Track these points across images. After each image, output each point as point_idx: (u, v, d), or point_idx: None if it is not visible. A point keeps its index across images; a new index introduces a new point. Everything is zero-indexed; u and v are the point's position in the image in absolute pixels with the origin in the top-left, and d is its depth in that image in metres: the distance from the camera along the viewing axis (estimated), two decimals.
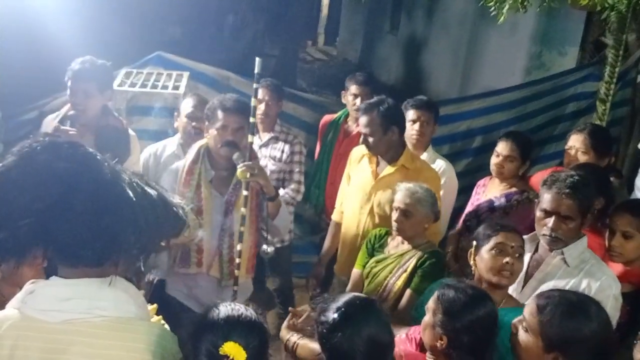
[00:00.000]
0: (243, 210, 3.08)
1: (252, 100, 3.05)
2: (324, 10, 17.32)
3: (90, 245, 1.58)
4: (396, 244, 3.24)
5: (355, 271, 3.34)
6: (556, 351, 1.97)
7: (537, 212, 2.76)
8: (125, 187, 1.61)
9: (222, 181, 3.19)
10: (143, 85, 4.40)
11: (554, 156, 5.97)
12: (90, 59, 3.52)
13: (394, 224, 3.19)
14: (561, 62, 8.39)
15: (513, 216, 3.54)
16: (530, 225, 2.90)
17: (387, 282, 3.14)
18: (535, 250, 2.84)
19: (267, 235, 3.19)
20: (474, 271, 2.75)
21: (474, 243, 2.76)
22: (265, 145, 4.26)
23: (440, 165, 3.95)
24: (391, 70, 13.00)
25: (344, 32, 15.81)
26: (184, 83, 4.48)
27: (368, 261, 3.28)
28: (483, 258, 2.67)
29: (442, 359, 2.25)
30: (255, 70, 3.04)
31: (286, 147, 4.26)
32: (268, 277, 4.56)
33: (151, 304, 2.47)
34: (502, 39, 9.19)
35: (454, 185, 3.98)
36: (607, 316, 2.05)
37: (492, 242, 2.66)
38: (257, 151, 3.85)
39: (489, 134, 5.52)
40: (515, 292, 2.76)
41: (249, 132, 3.07)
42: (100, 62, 3.54)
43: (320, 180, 4.59)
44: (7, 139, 3.96)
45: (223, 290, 3.19)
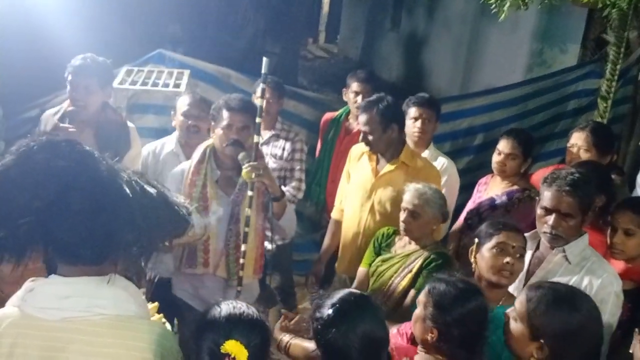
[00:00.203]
0: (248, 210, 3.07)
1: (258, 100, 3.04)
2: (325, 7, 17.30)
3: (88, 244, 1.58)
4: (403, 244, 3.22)
5: (361, 269, 3.33)
6: (541, 340, 1.97)
7: (538, 210, 2.76)
8: (123, 186, 1.60)
9: (228, 181, 3.18)
10: (144, 83, 4.40)
11: (555, 153, 5.97)
12: (91, 55, 3.53)
13: (402, 224, 3.17)
14: (562, 60, 8.38)
15: (514, 214, 3.53)
16: (531, 223, 2.89)
17: (392, 282, 3.12)
18: (537, 248, 2.84)
19: (271, 234, 3.18)
20: (474, 269, 2.75)
21: (476, 240, 2.76)
22: (266, 143, 4.25)
23: (442, 162, 3.95)
24: (392, 68, 12.98)
25: (345, 30, 15.79)
26: (184, 81, 4.48)
27: (374, 260, 3.26)
28: (484, 256, 2.67)
29: (433, 352, 2.26)
30: (263, 70, 3.03)
31: (287, 145, 4.26)
32: (269, 275, 4.56)
33: (152, 302, 2.48)
34: (503, 36, 9.17)
35: (455, 183, 3.98)
36: (598, 313, 2.04)
37: (494, 241, 2.65)
38: None
39: (490, 132, 5.52)
40: (517, 290, 2.74)
41: (254, 132, 3.06)
42: (100, 59, 3.55)
43: (321, 178, 4.59)
44: (8, 137, 3.96)
45: (229, 290, 3.17)
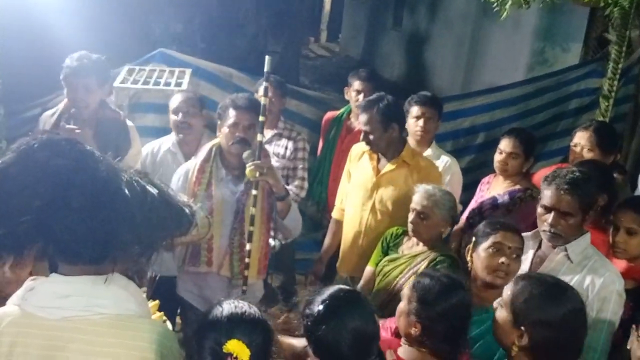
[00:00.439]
0: (252, 209, 3.06)
1: (261, 99, 3.04)
2: (327, 6, 17.31)
3: (87, 243, 1.58)
4: (411, 245, 3.21)
5: (368, 268, 3.32)
6: (522, 327, 1.96)
7: (538, 209, 2.77)
8: (122, 185, 1.60)
9: (234, 180, 3.18)
10: (145, 82, 4.40)
11: (556, 153, 5.96)
12: (85, 54, 3.49)
13: (410, 225, 3.15)
14: (564, 59, 8.38)
15: (516, 214, 3.53)
16: (533, 222, 2.89)
17: (397, 282, 3.11)
18: (539, 247, 2.83)
19: (274, 233, 3.18)
20: (470, 268, 2.75)
21: (473, 239, 2.76)
22: (268, 142, 4.24)
23: (445, 161, 3.94)
24: (394, 67, 12.99)
25: (346, 29, 15.79)
26: (186, 80, 4.47)
27: (382, 259, 3.25)
28: (480, 256, 2.68)
29: (417, 345, 2.28)
30: (265, 69, 3.03)
31: (290, 144, 4.26)
32: (271, 274, 4.56)
33: (153, 300, 2.48)
34: (505, 35, 9.17)
35: (459, 181, 3.97)
36: (582, 308, 2.01)
37: (490, 241, 2.65)
38: None
39: (491, 131, 5.51)
40: None
41: (258, 131, 3.05)
42: (95, 57, 3.51)
43: (323, 177, 4.59)
44: (10, 136, 3.95)
45: (233, 290, 3.15)
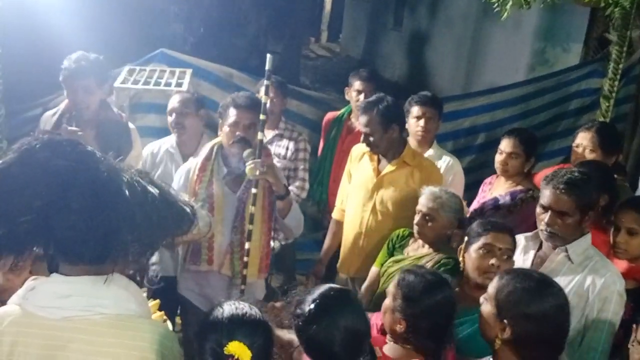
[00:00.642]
0: (252, 208, 3.06)
1: (263, 98, 3.04)
2: (327, 6, 17.30)
3: (87, 242, 1.58)
4: (416, 247, 3.20)
5: (373, 269, 3.32)
6: (505, 320, 1.95)
7: (537, 208, 2.77)
8: (122, 185, 1.60)
9: (235, 179, 3.18)
10: (146, 82, 4.40)
11: (557, 153, 5.96)
12: (83, 55, 3.48)
13: (415, 227, 3.14)
14: (565, 59, 8.37)
15: (517, 214, 3.52)
16: (534, 223, 2.88)
17: None
18: (540, 248, 2.83)
19: (274, 233, 3.18)
20: (463, 268, 2.75)
21: (465, 239, 2.76)
22: (269, 142, 4.25)
23: (447, 161, 3.94)
24: (395, 67, 12.98)
25: (347, 29, 15.79)
26: (187, 80, 4.47)
27: (387, 260, 3.24)
28: (471, 256, 2.68)
29: (401, 342, 2.29)
30: (267, 67, 3.02)
31: (291, 145, 4.26)
32: (271, 274, 4.55)
33: (154, 299, 2.48)
34: (506, 36, 9.17)
35: (461, 182, 3.97)
36: (565, 304, 1.99)
37: (481, 242, 2.66)
38: None
39: (492, 131, 5.51)
40: None
41: (259, 130, 3.05)
42: (93, 57, 3.50)
43: (323, 178, 4.58)
44: (11, 136, 3.95)
45: (234, 289, 3.15)
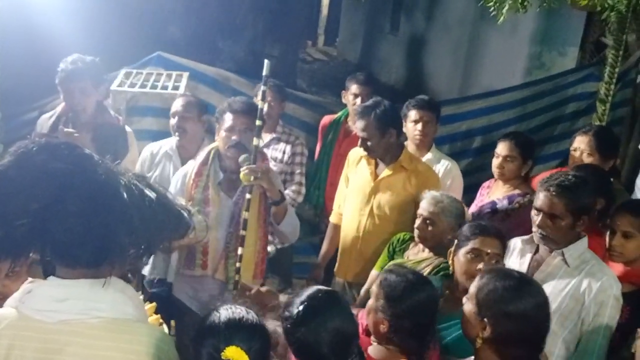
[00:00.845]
0: (245, 214, 3.05)
1: (260, 103, 3.03)
2: (324, 10, 17.30)
3: (84, 246, 1.58)
4: (417, 251, 3.20)
5: (373, 272, 3.32)
6: (485, 319, 1.95)
7: (532, 210, 2.77)
8: (120, 188, 1.60)
9: (231, 184, 3.18)
10: (143, 85, 4.40)
11: (553, 156, 5.97)
12: (78, 57, 3.49)
13: (416, 231, 3.15)
14: (561, 63, 8.38)
15: (515, 218, 3.51)
16: (531, 227, 2.89)
17: None
18: (536, 251, 2.83)
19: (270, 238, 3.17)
20: (452, 271, 2.75)
21: (455, 242, 2.76)
22: (266, 146, 4.25)
23: (445, 164, 3.95)
24: (391, 71, 12.99)
25: (344, 33, 15.80)
26: (183, 83, 4.47)
27: (387, 264, 3.22)
28: (459, 260, 2.69)
29: (385, 342, 2.29)
30: (264, 73, 3.03)
31: (287, 148, 4.26)
32: (268, 278, 4.55)
33: (150, 302, 2.47)
34: (502, 40, 9.18)
35: (459, 185, 3.97)
36: (545, 303, 1.98)
37: (469, 246, 2.66)
38: None
39: (489, 134, 5.52)
40: None
41: (254, 135, 3.04)
42: (89, 59, 3.51)
43: (320, 181, 4.58)
44: (8, 139, 3.95)
45: (228, 294, 3.12)
